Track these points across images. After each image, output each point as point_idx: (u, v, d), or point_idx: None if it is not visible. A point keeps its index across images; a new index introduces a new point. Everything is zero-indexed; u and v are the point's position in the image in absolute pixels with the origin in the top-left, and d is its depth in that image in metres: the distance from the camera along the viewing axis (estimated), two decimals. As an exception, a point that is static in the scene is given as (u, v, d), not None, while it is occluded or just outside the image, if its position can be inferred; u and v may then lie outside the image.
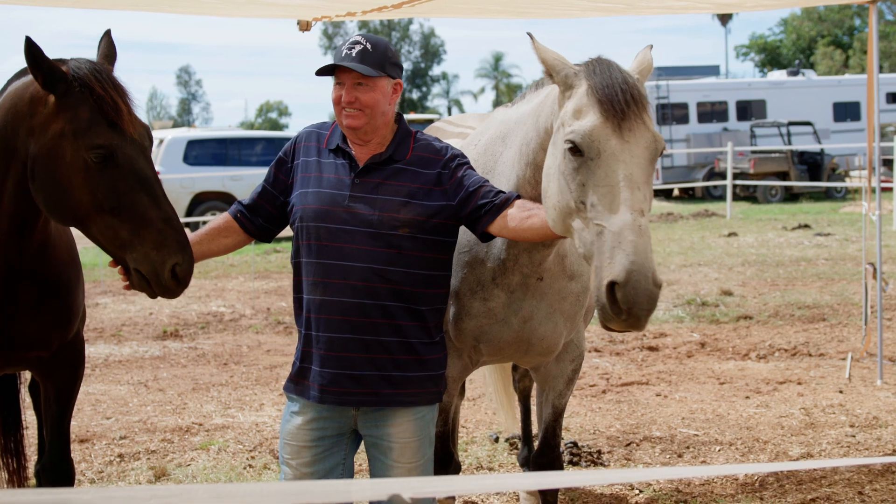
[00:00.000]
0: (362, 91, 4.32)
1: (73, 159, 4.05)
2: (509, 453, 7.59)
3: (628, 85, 3.79)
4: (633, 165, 3.67)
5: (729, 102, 37.59)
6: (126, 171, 4.02)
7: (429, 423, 4.52)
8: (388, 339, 4.32)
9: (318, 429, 4.46)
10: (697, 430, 8.05)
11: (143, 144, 4.12)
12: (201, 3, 7.40)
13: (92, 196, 4.03)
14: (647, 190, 3.69)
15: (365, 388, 4.35)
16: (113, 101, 4.06)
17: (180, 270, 4.00)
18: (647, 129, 3.75)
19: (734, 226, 24.51)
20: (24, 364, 4.89)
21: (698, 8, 7.94)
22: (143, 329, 13.31)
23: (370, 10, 7.44)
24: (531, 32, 4.34)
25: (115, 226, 4.02)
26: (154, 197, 4.03)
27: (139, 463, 7.56)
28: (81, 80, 4.10)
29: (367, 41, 4.35)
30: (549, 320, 4.72)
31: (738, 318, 12.86)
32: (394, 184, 4.35)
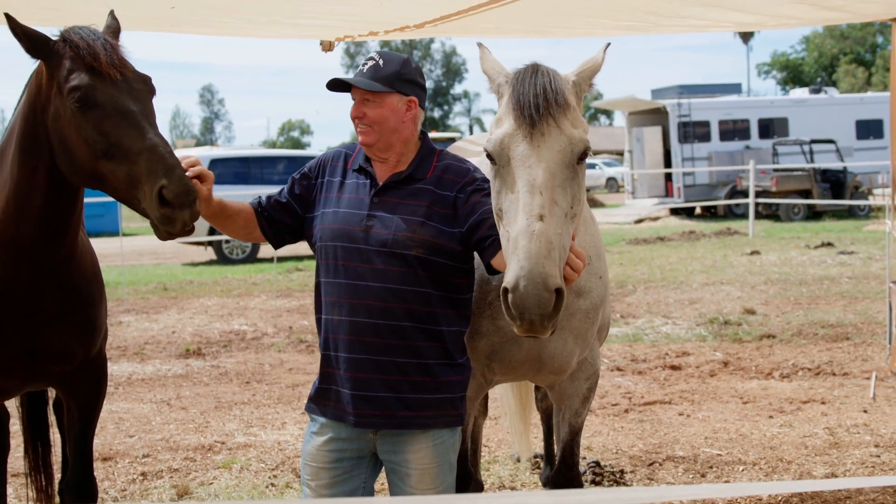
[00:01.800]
0: (370, 107, 4.33)
1: (64, 113, 4.10)
2: (531, 472, 7.57)
3: (545, 91, 3.76)
4: (539, 170, 3.65)
5: (751, 120, 37.48)
6: (109, 110, 4.02)
7: (449, 448, 4.47)
8: (404, 361, 4.29)
9: (336, 450, 4.45)
10: (721, 450, 8.02)
11: (130, 86, 4.11)
12: (225, 25, 7.45)
13: (87, 145, 4.06)
14: (555, 194, 3.63)
15: (380, 410, 4.32)
16: (88, 46, 4.09)
17: (167, 192, 3.85)
18: (561, 133, 3.71)
19: (757, 244, 24.41)
20: (48, 379, 4.91)
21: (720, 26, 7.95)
22: (165, 347, 13.35)
23: (392, 29, 7.47)
24: (481, 43, 4.36)
25: (114, 170, 4.01)
26: (139, 129, 3.99)
27: (162, 481, 7.58)
28: (61, 36, 4.18)
29: (381, 58, 4.37)
30: (559, 337, 4.69)
31: (762, 337, 12.80)
32: (412, 203, 4.34)
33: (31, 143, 4.29)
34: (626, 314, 14.81)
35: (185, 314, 16.29)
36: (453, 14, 6.70)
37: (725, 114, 37.36)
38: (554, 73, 3.87)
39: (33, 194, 4.35)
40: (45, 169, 4.29)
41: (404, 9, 6.77)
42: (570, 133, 3.72)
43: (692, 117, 35.97)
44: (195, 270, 23.36)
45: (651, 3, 6.68)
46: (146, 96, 4.17)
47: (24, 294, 4.53)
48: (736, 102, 39.50)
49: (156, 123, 4.10)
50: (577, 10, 6.97)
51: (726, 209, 35.46)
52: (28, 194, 4.36)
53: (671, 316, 14.61)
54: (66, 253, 4.61)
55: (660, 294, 16.71)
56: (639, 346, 12.50)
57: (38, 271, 4.53)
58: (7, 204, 4.42)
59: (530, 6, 6.33)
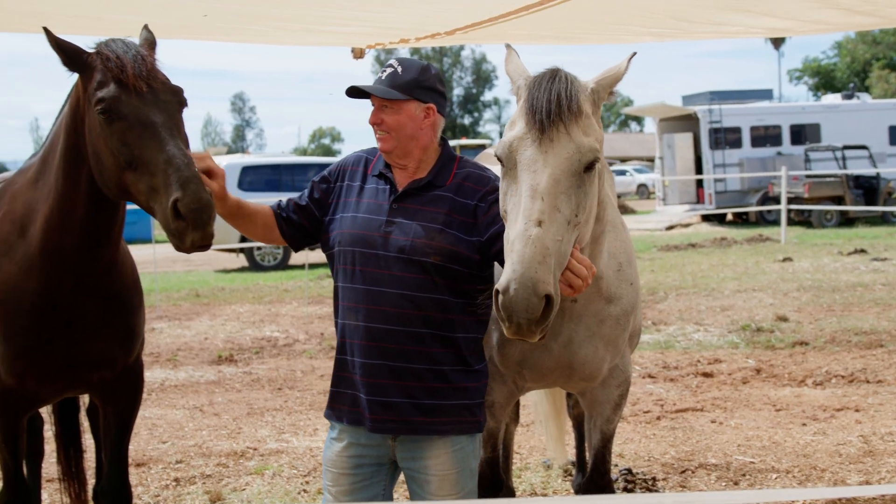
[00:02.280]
0: (387, 113, 4.35)
1: (94, 125, 4.15)
2: (563, 479, 7.56)
3: (559, 97, 3.76)
4: (543, 175, 3.65)
5: (783, 126, 37.27)
6: (132, 121, 4.04)
7: (468, 454, 4.45)
8: (419, 367, 4.28)
9: (356, 456, 4.45)
10: (753, 458, 7.98)
11: (157, 98, 4.13)
12: (257, 32, 7.48)
13: (112, 156, 4.09)
14: (558, 200, 3.63)
15: (395, 416, 4.32)
16: (118, 59, 4.12)
17: (181, 206, 3.83)
18: (570, 140, 3.70)
19: (789, 251, 24.27)
20: (87, 386, 4.96)
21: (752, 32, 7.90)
22: (198, 354, 13.42)
23: (423, 36, 7.48)
24: (510, 45, 4.36)
25: (136, 182, 4.03)
26: (158, 141, 3.99)
27: (195, 487, 7.62)
28: (95, 49, 4.23)
29: (399, 65, 4.38)
30: (589, 344, 4.67)
31: (794, 344, 12.73)
32: (431, 210, 4.34)
33: (74, 154, 4.35)
34: (657, 321, 14.76)
35: (217, 321, 16.37)
36: (484, 21, 6.70)
37: (757, 120, 37.17)
38: (572, 80, 3.87)
39: (76, 205, 4.40)
40: (87, 180, 4.34)
41: (435, 16, 6.78)
42: (580, 141, 3.72)
43: (723, 123, 35.82)
44: (227, 277, 23.47)
45: (682, 9, 6.66)
46: (174, 108, 4.18)
47: (67, 303, 4.58)
48: (767, 108, 39.25)
49: (181, 135, 4.12)
50: (607, 16, 6.95)
51: (758, 216, 35.28)
52: (71, 205, 4.41)
53: (703, 323, 14.55)
54: (108, 262, 4.66)
55: (691, 301, 16.65)
56: (670, 353, 12.45)
57: (80, 281, 4.58)
58: (51, 214, 4.47)
59: (560, 13, 6.32)
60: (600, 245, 4.38)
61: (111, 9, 6.19)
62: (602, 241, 4.39)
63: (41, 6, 6.07)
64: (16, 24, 6.61)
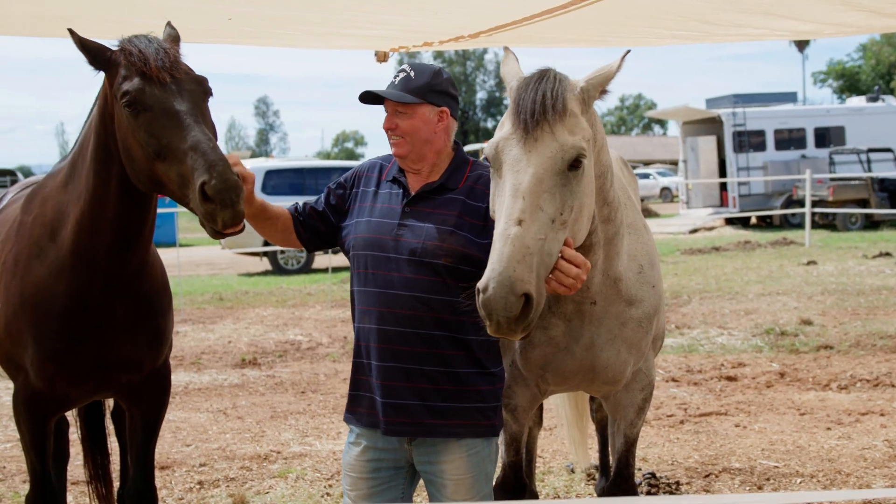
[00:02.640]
0: (401, 118, 4.37)
1: (122, 120, 4.17)
2: (586, 484, 7.55)
3: (544, 96, 3.76)
4: (526, 175, 3.65)
5: (807, 129, 37.13)
6: (157, 111, 4.06)
7: (484, 458, 4.45)
8: (432, 369, 4.29)
9: (373, 460, 4.46)
10: (778, 462, 7.95)
11: (181, 87, 4.15)
12: (282, 36, 7.50)
13: (141, 148, 4.11)
14: (541, 199, 3.63)
15: (408, 418, 4.33)
16: (140, 52, 4.15)
17: (209, 188, 3.84)
18: (554, 139, 3.70)
19: (813, 254, 24.17)
20: (115, 389, 4.98)
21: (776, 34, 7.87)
22: (222, 357, 13.46)
23: (447, 40, 7.47)
24: (508, 47, 4.40)
25: (166, 171, 4.05)
26: (183, 128, 4.01)
27: (218, 490, 7.64)
28: (119, 46, 4.27)
29: (412, 69, 4.40)
30: (611, 347, 4.66)
31: (819, 348, 12.67)
32: (442, 213, 4.35)
33: (104, 153, 4.38)
34: (681, 325, 14.72)
35: (240, 324, 16.42)
36: (508, 24, 6.70)
37: (781, 123, 37.04)
38: (561, 79, 3.86)
39: (107, 206, 4.43)
40: (118, 179, 4.37)
41: (459, 19, 6.78)
42: (563, 140, 3.71)
43: (747, 126, 35.71)
44: (251, 281, 23.53)
45: (706, 11, 6.64)
46: (199, 96, 4.20)
47: (97, 305, 4.62)
48: (792, 111, 39.10)
49: (207, 122, 4.13)
50: (630, 19, 6.94)
51: (782, 219, 35.15)
52: (102, 206, 4.44)
53: (727, 326, 14.50)
54: (139, 263, 4.69)
55: (715, 304, 16.59)
56: (694, 357, 12.42)
57: (111, 282, 4.61)
58: (82, 216, 4.50)
59: (584, 16, 6.31)
60: (616, 246, 4.38)
61: (136, 13, 6.22)
62: (617, 243, 4.38)
63: (66, 10, 6.11)
64: (42, 28, 6.65)
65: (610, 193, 4.20)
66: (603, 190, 4.15)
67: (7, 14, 6.15)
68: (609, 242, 4.32)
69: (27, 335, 4.67)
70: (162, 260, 5.14)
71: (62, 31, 4.38)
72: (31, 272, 4.67)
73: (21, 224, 4.85)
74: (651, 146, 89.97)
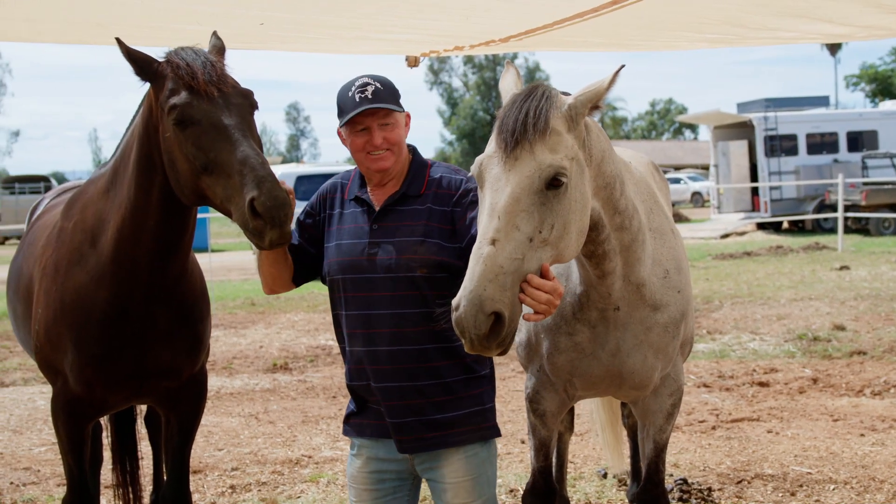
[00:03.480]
0: (388, 130, 4.31)
1: (168, 133, 4.19)
2: (618, 489, 7.52)
3: (526, 115, 3.75)
4: (503, 194, 3.64)
5: (839, 133, 36.92)
6: (205, 126, 4.08)
7: (483, 461, 4.42)
8: (424, 384, 4.27)
9: (376, 471, 4.45)
10: (811, 468, 7.90)
11: (228, 101, 4.17)
12: (313, 41, 7.53)
13: (188, 161, 4.12)
14: (517, 219, 3.61)
15: (410, 435, 4.31)
16: (188, 66, 4.17)
17: (258, 204, 3.87)
18: (533, 158, 3.67)
19: (846, 259, 24.01)
20: (153, 395, 5.01)
21: (808, 38, 7.84)
22: (253, 362, 13.51)
23: (478, 44, 7.48)
24: (510, 61, 4.37)
25: (212, 185, 4.07)
26: (232, 143, 4.03)
27: (250, 494, 7.67)
28: (165, 58, 4.29)
29: (375, 81, 4.34)
30: (637, 352, 4.65)
31: (852, 354, 12.58)
32: (409, 224, 4.31)
33: (147, 164, 4.40)
34: (712, 330, 14.66)
35: (272, 329, 16.47)
36: (538, 28, 6.70)
37: (813, 127, 36.83)
38: (548, 96, 3.84)
39: (148, 214, 4.46)
40: (160, 189, 4.39)
41: (490, 23, 6.79)
42: (542, 159, 3.68)
43: (779, 131, 35.53)
44: (281, 286, 23.54)
45: (738, 15, 6.62)
46: (246, 110, 4.23)
47: (137, 312, 4.65)
48: (824, 115, 38.87)
49: (254, 136, 4.16)
50: (661, 23, 6.93)
51: (814, 223, 34.96)
52: (143, 214, 4.46)
53: (759, 332, 14.43)
54: (178, 271, 4.71)
55: (747, 310, 16.51)
56: (726, 363, 12.36)
57: (151, 290, 4.64)
58: (123, 224, 4.53)
59: (614, 20, 6.30)
60: (635, 253, 4.36)
61: (170, 19, 6.26)
62: (637, 249, 4.36)
63: (100, 17, 6.16)
64: (76, 35, 6.70)
65: (621, 202, 4.18)
66: (612, 199, 4.14)
67: (42, 20, 6.20)
68: (626, 249, 4.31)
69: (67, 340, 4.71)
70: (200, 267, 5.17)
71: (96, 37, 4.43)
72: (71, 278, 4.71)
73: (62, 230, 4.89)
74: (682, 151, 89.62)
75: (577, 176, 3.81)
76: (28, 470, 8.56)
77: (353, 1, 6.16)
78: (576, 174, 3.80)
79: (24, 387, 12.30)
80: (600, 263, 4.28)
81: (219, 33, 4.65)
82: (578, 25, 6.45)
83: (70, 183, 6.46)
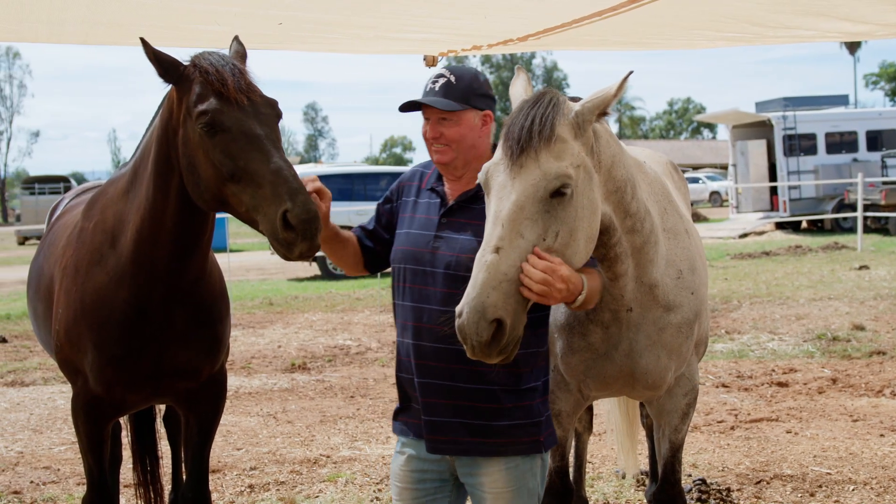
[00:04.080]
0: (447, 126, 4.26)
1: (193, 136, 4.19)
2: (636, 489, 7.51)
3: (532, 122, 3.76)
4: (508, 202, 3.67)
5: (859, 132, 36.76)
6: (235, 133, 4.08)
7: (524, 472, 4.27)
8: (468, 386, 4.17)
9: (417, 470, 4.38)
10: (830, 469, 7.87)
11: (257, 110, 4.18)
12: (332, 41, 7.54)
13: (213, 167, 4.12)
14: (522, 227, 3.65)
15: (445, 436, 4.23)
16: (217, 72, 4.17)
17: (291, 217, 3.88)
18: (538, 166, 3.69)
19: (865, 258, 23.92)
20: (172, 395, 5.03)
21: (827, 36, 7.81)
22: (271, 362, 13.54)
23: (495, 43, 7.48)
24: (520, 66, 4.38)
25: (239, 193, 4.06)
26: (264, 153, 4.04)
27: (269, 494, 7.68)
28: (191, 62, 4.29)
29: (451, 74, 4.30)
30: (651, 352, 4.64)
31: (871, 354, 12.53)
32: (477, 224, 4.17)
33: (165, 165, 4.40)
34: (731, 330, 14.62)
35: (290, 329, 16.51)
36: (556, 27, 6.70)
37: (832, 126, 36.67)
38: (555, 103, 3.84)
39: (167, 216, 4.47)
40: (177, 191, 4.40)
41: (508, 22, 6.79)
42: (546, 168, 3.70)
43: (798, 130, 35.39)
44: (300, 286, 23.66)
45: (756, 13, 6.60)
46: (273, 120, 4.23)
47: (157, 313, 4.66)
48: (843, 114, 38.70)
49: (281, 147, 4.17)
50: (680, 21, 6.91)
51: (833, 223, 34.82)
52: (162, 216, 4.47)
53: (777, 332, 14.38)
54: (198, 272, 4.72)
55: (766, 309, 16.46)
56: (744, 363, 12.33)
57: (170, 291, 4.65)
58: (142, 224, 4.54)
59: (633, 19, 6.29)
60: (647, 255, 4.35)
61: (189, 19, 6.28)
62: (649, 251, 4.35)
63: (120, 17, 6.18)
64: (96, 36, 6.72)
65: (632, 205, 4.17)
66: (623, 203, 4.13)
67: (61, 21, 6.23)
68: (638, 252, 4.30)
69: (87, 340, 4.72)
70: (220, 267, 5.18)
71: (116, 38, 4.43)
72: (91, 278, 4.72)
73: (82, 230, 4.90)
74: (700, 150, 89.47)
75: (585, 183, 3.82)
76: (48, 469, 8.60)
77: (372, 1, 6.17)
78: (583, 181, 3.80)
79: (44, 386, 12.35)
80: (612, 266, 4.28)
81: (237, 33, 4.66)
82: (597, 24, 6.44)
83: (89, 183, 6.48)
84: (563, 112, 3.84)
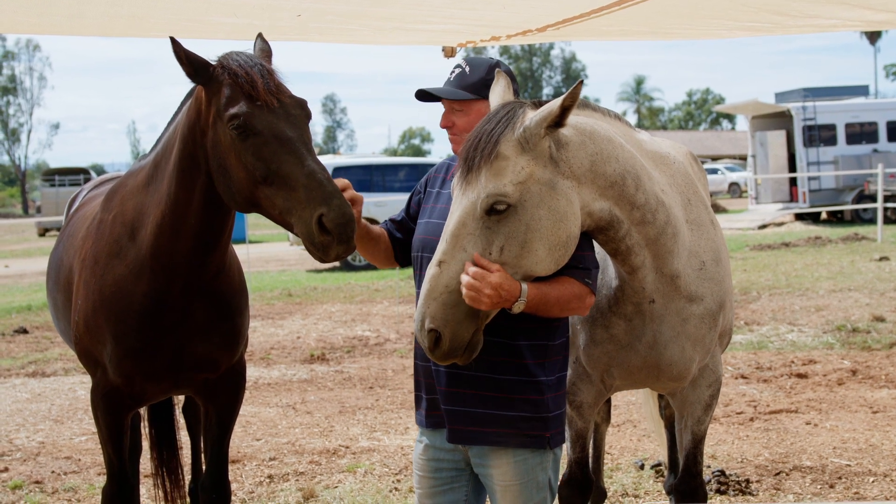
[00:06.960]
0: (458, 116, 4.33)
1: (224, 139, 4.18)
2: (655, 480, 7.50)
3: (479, 140, 3.84)
4: (453, 218, 3.85)
5: (879, 123, 36.56)
6: (267, 136, 4.07)
7: (533, 466, 4.25)
8: (476, 375, 4.15)
9: (434, 459, 4.39)
10: (850, 461, 7.84)
11: (287, 112, 4.17)
12: (351, 32, 7.53)
13: (246, 171, 4.12)
14: (465, 241, 3.80)
15: (455, 425, 4.24)
16: (246, 74, 4.16)
17: (327, 221, 3.89)
18: (478, 184, 3.79)
19: (885, 250, 23.80)
20: (192, 387, 5.05)
21: (848, 25, 7.76)
22: (291, 353, 13.58)
23: (514, 34, 7.46)
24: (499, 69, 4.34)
25: (272, 195, 4.07)
26: (297, 156, 4.04)
27: (288, 484, 7.71)
28: (219, 62, 4.27)
29: (467, 65, 4.35)
30: (675, 344, 4.64)
31: (891, 345, 12.47)
32: None
33: (190, 164, 4.40)
34: (750, 321, 14.58)
35: (309, 320, 16.55)
36: (575, 17, 6.67)
37: (852, 116, 36.50)
38: (507, 119, 3.89)
39: (189, 212, 4.48)
40: (202, 189, 4.40)
41: (526, 12, 6.77)
42: (482, 186, 3.79)
43: (817, 120, 35.24)
44: (319, 277, 23.69)
45: (776, 2, 6.57)
46: (303, 121, 4.23)
47: (176, 306, 4.68)
48: (863, 105, 38.51)
49: (313, 149, 4.16)
50: (701, 10, 6.88)
51: (853, 214, 34.69)
52: (184, 212, 4.48)
53: (797, 323, 14.34)
54: (217, 266, 4.74)
55: (785, 301, 16.41)
56: (764, 354, 12.29)
57: (190, 284, 4.67)
58: (163, 220, 4.54)
59: (653, 8, 6.27)
60: (665, 245, 4.34)
61: (209, 11, 6.28)
62: (666, 242, 4.33)
63: (139, 9, 6.19)
64: (115, 28, 6.74)
65: (638, 197, 4.15)
66: (625, 196, 4.12)
67: (81, 13, 6.24)
68: (653, 243, 4.29)
69: (106, 332, 4.74)
70: (239, 260, 5.19)
71: (135, 30, 4.43)
72: (110, 270, 4.73)
73: (101, 222, 4.91)
74: (719, 141, 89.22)
75: (539, 195, 3.84)
76: (69, 459, 8.65)
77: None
78: (535, 194, 3.83)
79: (64, 377, 12.42)
80: (626, 259, 4.28)
81: (256, 25, 4.66)
82: (616, 14, 6.42)
83: (108, 175, 6.49)
84: (514, 127, 3.87)
